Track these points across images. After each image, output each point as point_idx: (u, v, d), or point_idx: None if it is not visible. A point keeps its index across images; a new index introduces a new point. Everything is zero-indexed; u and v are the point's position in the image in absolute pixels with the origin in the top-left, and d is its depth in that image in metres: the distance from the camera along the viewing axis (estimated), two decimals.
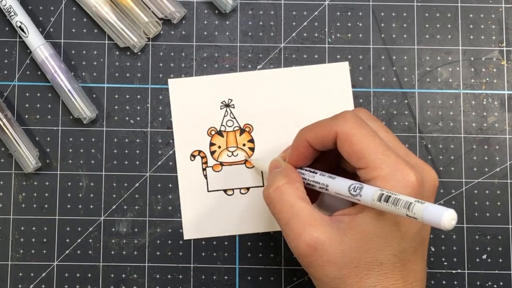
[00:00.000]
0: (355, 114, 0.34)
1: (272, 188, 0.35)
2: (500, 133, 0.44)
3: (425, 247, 0.35)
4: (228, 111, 0.44)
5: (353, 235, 0.32)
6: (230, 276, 0.43)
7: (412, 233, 0.33)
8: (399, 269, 0.33)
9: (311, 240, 0.33)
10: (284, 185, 0.35)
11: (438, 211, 0.28)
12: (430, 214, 0.28)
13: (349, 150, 0.33)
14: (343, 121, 0.34)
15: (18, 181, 0.44)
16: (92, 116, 0.43)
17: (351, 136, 0.33)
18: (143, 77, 0.44)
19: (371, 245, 0.32)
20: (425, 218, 0.28)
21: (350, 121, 0.34)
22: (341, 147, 0.34)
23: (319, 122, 0.36)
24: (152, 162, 0.44)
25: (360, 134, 0.33)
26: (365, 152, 0.32)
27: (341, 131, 0.33)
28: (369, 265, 0.32)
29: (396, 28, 0.45)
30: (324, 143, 0.35)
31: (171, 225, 0.44)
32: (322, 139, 0.35)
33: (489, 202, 0.43)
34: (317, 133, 0.35)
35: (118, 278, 0.43)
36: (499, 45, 0.45)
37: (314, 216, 0.33)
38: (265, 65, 0.44)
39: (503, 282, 0.43)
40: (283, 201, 0.34)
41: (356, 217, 0.33)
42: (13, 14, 0.43)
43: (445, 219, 0.28)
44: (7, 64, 0.45)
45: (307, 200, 0.34)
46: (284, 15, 0.45)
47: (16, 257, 0.43)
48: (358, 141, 0.33)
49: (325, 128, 0.34)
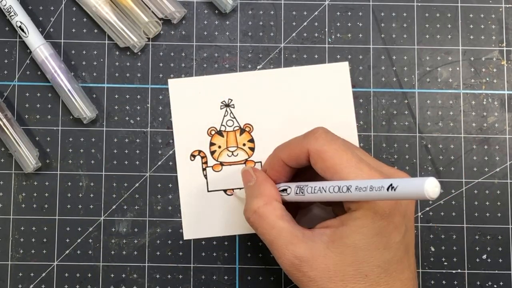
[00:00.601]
0: (325, 130, 0.35)
1: (250, 212, 0.35)
2: (500, 133, 0.44)
3: (410, 254, 0.34)
4: (228, 111, 0.44)
5: (336, 249, 0.32)
6: (230, 276, 0.43)
7: (395, 242, 0.33)
8: (385, 280, 0.33)
9: (294, 258, 0.33)
10: (260, 208, 0.35)
11: (418, 182, 0.27)
12: (411, 187, 0.28)
13: (322, 167, 0.34)
14: (313, 139, 0.34)
15: (18, 181, 0.44)
16: (92, 116, 0.43)
17: (323, 153, 0.33)
18: (143, 77, 0.44)
19: (354, 257, 0.32)
20: (406, 192, 0.28)
21: (321, 138, 0.34)
22: (314, 164, 0.34)
23: (291, 141, 0.36)
24: (152, 162, 0.44)
25: (331, 149, 0.33)
26: (338, 167, 0.33)
27: (312, 148, 0.34)
28: (354, 277, 0.32)
29: (396, 28, 0.45)
30: (298, 161, 0.35)
31: (171, 225, 0.44)
32: (295, 158, 0.35)
33: (489, 202, 0.43)
34: (290, 152, 0.36)
35: (118, 278, 0.43)
36: (499, 45, 0.45)
37: (295, 233, 0.34)
38: (265, 65, 0.44)
39: (503, 282, 0.43)
40: (263, 224, 0.35)
41: (337, 230, 0.33)
42: (13, 14, 0.43)
43: (427, 187, 0.27)
44: (7, 64, 0.45)
45: (286, 217, 0.35)
46: (284, 15, 0.45)
47: (16, 257, 0.43)
48: (330, 157, 0.33)
49: (297, 146, 0.35)
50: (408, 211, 0.34)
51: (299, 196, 0.35)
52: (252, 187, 0.37)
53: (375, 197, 0.30)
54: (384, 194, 0.29)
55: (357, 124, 0.44)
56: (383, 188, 0.29)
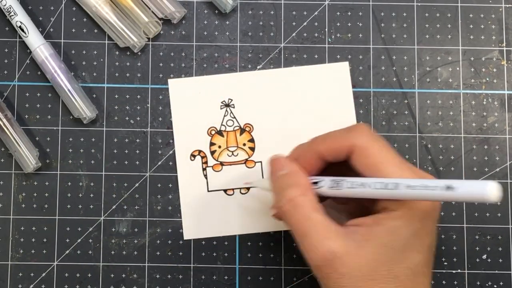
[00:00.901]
0: (369, 127, 0.34)
1: (285, 200, 0.34)
2: (500, 133, 0.44)
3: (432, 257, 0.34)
4: (228, 111, 0.44)
5: (370, 248, 0.32)
6: (230, 276, 0.43)
7: (426, 246, 0.33)
8: (411, 282, 0.32)
9: (328, 253, 0.32)
10: (298, 197, 0.34)
11: (479, 185, 0.27)
12: (474, 187, 0.28)
13: (365, 163, 0.33)
14: (359, 134, 0.34)
15: (18, 181, 0.44)
16: (92, 116, 0.43)
17: (367, 149, 0.33)
18: (143, 77, 0.44)
19: (387, 258, 0.32)
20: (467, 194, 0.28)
21: (365, 134, 0.34)
22: (355, 160, 0.34)
23: (331, 134, 0.35)
24: (152, 162, 0.44)
25: (376, 147, 0.33)
26: (381, 166, 0.32)
27: (358, 143, 0.33)
28: (384, 278, 0.32)
29: (396, 28, 0.45)
30: (337, 155, 0.35)
31: (171, 225, 0.44)
32: (336, 151, 0.34)
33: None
34: (331, 146, 0.35)
35: (118, 278, 0.43)
36: (499, 45, 0.45)
37: (331, 228, 0.33)
38: (265, 65, 0.44)
39: (503, 282, 0.43)
40: (299, 214, 0.34)
41: (372, 229, 0.32)
42: (13, 14, 0.43)
43: (491, 190, 0.27)
44: (7, 64, 0.45)
45: (322, 210, 0.34)
46: (284, 15, 0.45)
47: (16, 257, 0.43)
48: (374, 154, 0.33)
49: (340, 140, 0.34)
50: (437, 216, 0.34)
51: (334, 190, 0.34)
52: (285, 176, 0.36)
53: (428, 197, 0.30)
54: (440, 194, 0.29)
55: None
56: (439, 188, 0.29)
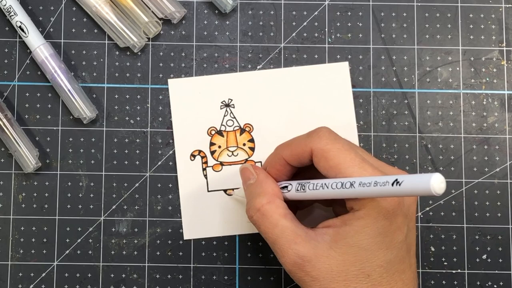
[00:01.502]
0: (328, 130, 0.35)
1: (253, 211, 0.35)
2: (500, 133, 0.44)
3: (411, 254, 0.35)
4: (228, 111, 0.44)
5: (339, 249, 0.33)
6: (230, 276, 0.43)
7: (397, 242, 0.33)
8: (387, 280, 0.33)
9: (297, 258, 0.33)
10: (264, 206, 0.35)
11: (424, 177, 0.27)
12: (416, 182, 0.28)
13: (325, 166, 0.34)
14: (317, 138, 0.34)
15: (18, 181, 0.44)
16: (92, 116, 0.43)
17: (326, 152, 0.33)
18: (143, 77, 0.44)
19: (357, 257, 0.32)
20: (412, 187, 0.28)
21: (324, 137, 0.34)
22: (317, 163, 0.34)
23: (294, 140, 0.36)
24: (152, 162, 0.44)
25: (335, 149, 0.33)
26: (341, 166, 0.33)
27: (316, 147, 0.34)
28: (356, 277, 0.32)
29: (396, 28, 0.45)
30: (300, 160, 0.35)
31: (171, 225, 0.44)
32: (298, 156, 0.35)
33: (489, 202, 0.43)
34: (293, 151, 0.35)
35: (118, 278, 0.43)
36: (499, 45, 0.45)
37: (299, 232, 0.34)
38: (265, 65, 0.44)
39: (503, 282, 0.43)
40: (266, 223, 0.35)
41: (340, 230, 0.33)
42: (13, 14, 0.43)
43: (433, 182, 0.27)
44: (7, 64, 0.45)
45: (290, 216, 0.35)
46: (284, 15, 0.45)
47: (16, 257, 0.43)
48: (334, 156, 0.33)
49: (300, 145, 0.35)
50: (410, 211, 0.34)
51: (300, 193, 0.35)
52: (253, 185, 0.37)
53: (379, 193, 0.30)
54: (389, 189, 0.29)
55: (357, 124, 0.44)
56: (388, 184, 0.29)
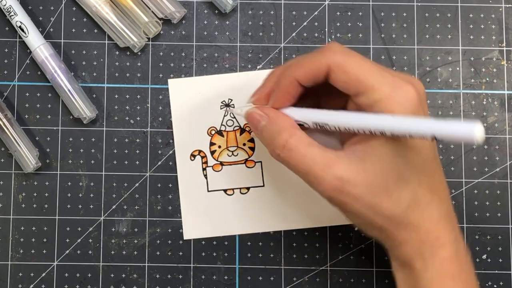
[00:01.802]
0: (340, 44, 0.34)
1: (280, 149, 0.34)
2: (500, 133, 0.44)
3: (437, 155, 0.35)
4: (228, 111, 0.44)
5: (374, 161, 0.32)
6: (230, 276, 0.43)
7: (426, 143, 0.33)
8: (425, 182, 0.33)
9: (335, 180, 0.33)
10: (288, 141, 0.34)
11: (465, 127, 0.28)
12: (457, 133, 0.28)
13: (345, 79, 0.33)
14: (332, 53, 0.34)
15: (18, 181, 0.44)
16: (92, 116, 0.43)
17: (345, 66, 0.33)
18: (143, 77, 0.44)
19: (392, 165, 0.32)
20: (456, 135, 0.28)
21: (339, 51, 0.34)
22: (335, 79, 0.33)
23: (304, 59, 0.35)
24: (152, 162, 0.44)
25: (352, 61, 0.33)
26: (362, 77, 0.32)
27: (333, 62, 0.33)
28: (396, 185, 0.32)
29: (396, 28, 0.45)
30: (315, 78, 0.34)
31: (171, 225, 0.44)
32: (313, 75, 0.34)
33: (489, 202, 0.43)
34: (307, 70, 0.34)
35: (118, 278, 0.43)
36: (499, 45, 0.45)
37: (330, 156, 0.33)
38: (265, 65, 0.44)
39: (503, 282, 0.43)
40: (295, 156, 0.34)
41: (369, 143, 0.33)
42: (13, 14, 0.43)
43: (477, 133, 0.27)
44: (7, 64, 0.45)
45: (315, 143, 0.34)
46: (284, 15, 0.45)
47: (16, 257, 0.43)
48: (353, 68, 0.33)
49: (315, 63, 0.34)
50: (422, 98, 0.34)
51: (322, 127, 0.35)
52: (267, 126, 0.36)
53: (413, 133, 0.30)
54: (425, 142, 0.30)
55: None
56: (425, 138, 0.30)
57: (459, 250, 0.34)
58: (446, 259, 0.33)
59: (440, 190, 0.34)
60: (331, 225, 0.43)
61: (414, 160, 0.33)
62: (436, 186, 0.34)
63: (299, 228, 0.43)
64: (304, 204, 0.43)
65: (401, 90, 0.32)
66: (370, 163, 0.32)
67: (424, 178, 0.33)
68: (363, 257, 0.43)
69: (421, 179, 0.33)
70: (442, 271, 0.33)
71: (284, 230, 0.43)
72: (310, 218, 0.43)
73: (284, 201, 0.43)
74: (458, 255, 0.33)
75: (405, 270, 0.34)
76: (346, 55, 0.33)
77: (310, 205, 0.43)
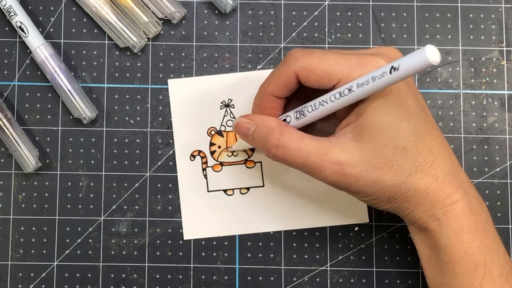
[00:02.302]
0: (298, 49, 0.36)
1: (274, 149, 0.36)
2: (500, 133, 0.44)
3: (428, 114, 0.36)
4: (228, 111, 0.44)
5: (366, 138, 0.33)
6: (230, 276, 0.43)
7: (413, 107, 0.34)
8: (422, 145, 0.34)
9: (334, 165, 0.34)
10: (279, 139, 0.35)
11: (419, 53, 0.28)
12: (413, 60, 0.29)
13: (316, 78, 0.34)
14: (294, 60, 0.35)
15: (18, 181, 0.44)
16: (92, 116, 0.43)
17: (309, 66, 0.34)
18: (143, 77, 0.44)
19: (386, 137, 0.33)
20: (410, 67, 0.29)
21: (300, 56, 0.35)
22: (306, 81, 0.35)
23: (272, 75, 0.37)
24: (152, 162, 0.44)
25: (315, 59, 0.34)
26: (330, 70, 0.34)
27: (298, 68, 0.35)
28: (394, 155, 0.33)
29: (396, 28, 0.45)
30: (288, 88, 0.36)
31: (171, 225, 0.44)
32: (285, 86, 0.36)
33: (489, 202, 0.43)
34: (278, 83, 0.36)
35: (118, 278, 0.43)
36: (499, 45, 0.45)
37: (323, 144, 0.34)
38: (265, 65, 0.44)
39: None
40: (290, 151, 0.35)
41: (358, 122, 0.34)
42: (13, 14, 0.43)
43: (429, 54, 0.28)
44: (7, 64, 0.45)
45: (306, 135, 0.35)
46: (284, 15, 0.45)
47: (16, 257, 0.43)
48: (318, 66, 0.34)
49: (282, 74, 0.36)
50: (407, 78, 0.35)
51: (302, 120, 0.36)
52: (256, 130, 0.37)
53: (380, 86, 0.31)
54: (389, 78, 0.30)
55: None
56: (386, 73, 0.30)
57: (471, 203, 0.34)
58: (459, 215, 0.34)
59: (440, 149, 0.34)
60: (331, 225, 0.43)
61: (404, 127, 0.33)
62: (435, 147, 0.34)
63: (299, 228, 0.43)
64: (304, 204, 0.43)
65: (369, 64, 0.33)
66: (363, 141, 0.33)
67: (420, 142, 0.33)
68: (363, 257, 0.43)
69: (417, 144, 0.33)
70: (457, 228, 0.34)
71: (284, 230, 0.43)
72: (310, 218, 0.43)
73: (284, 201, 0.43)
74: (470, 208, 0.34)
75: (422, 233, 0.35)
76: (307, 56, 0.35)
77: (310, 205, 0.43)
